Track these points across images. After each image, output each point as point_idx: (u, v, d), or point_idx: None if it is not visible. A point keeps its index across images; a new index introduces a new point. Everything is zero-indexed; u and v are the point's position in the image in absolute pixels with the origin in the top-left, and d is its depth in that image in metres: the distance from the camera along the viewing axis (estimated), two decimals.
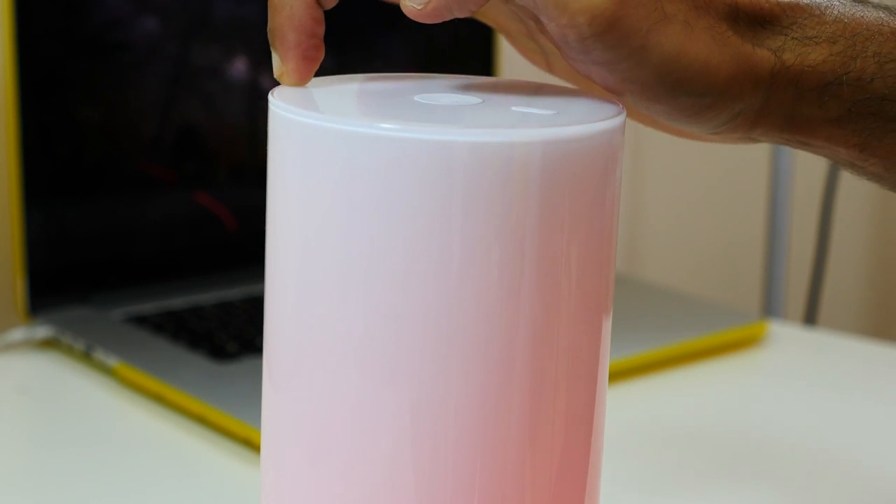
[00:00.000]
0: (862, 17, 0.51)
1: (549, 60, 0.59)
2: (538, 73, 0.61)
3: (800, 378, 0.94)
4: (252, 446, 0.77)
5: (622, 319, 0.69)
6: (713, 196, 1.54)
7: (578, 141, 0.46)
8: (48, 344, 0.93)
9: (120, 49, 0.96)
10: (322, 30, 0.50)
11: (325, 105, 0.49)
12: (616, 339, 0.51)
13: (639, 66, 0.48)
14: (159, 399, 0.84)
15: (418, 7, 0.49)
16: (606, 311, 0.49)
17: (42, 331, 0.92)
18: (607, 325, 0.49)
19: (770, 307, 1.54)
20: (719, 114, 0.49)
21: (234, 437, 0.79)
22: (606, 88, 0.49)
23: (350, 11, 0.62)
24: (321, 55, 0.51)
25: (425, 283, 0.45)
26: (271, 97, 0.48)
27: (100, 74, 0.96)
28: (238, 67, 1.01)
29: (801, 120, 0.51)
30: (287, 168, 0.47)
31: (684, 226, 1.52)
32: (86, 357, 0.89)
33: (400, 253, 0.45)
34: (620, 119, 0.48)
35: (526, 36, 0.59)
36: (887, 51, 0.50)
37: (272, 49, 0.50)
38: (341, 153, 0.45)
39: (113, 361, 0.87)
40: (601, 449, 0.50)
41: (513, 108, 0.50)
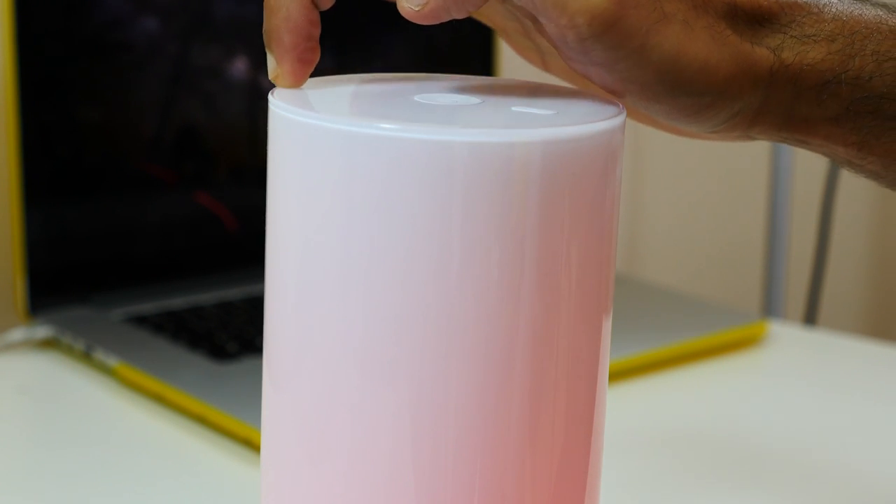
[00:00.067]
0: (860, 15, 0.51)
1: (546, 59, 0.59)
2: (538, 74, 0.60)
3: (800, 378, 0.94)
4: (252, 446, 0.77)
5: (622, 319, 0.69)
6: (713, 196, 1.54)
7: (578, 141, 0.46)
8: (48, 344, 0.93)
9: (120, 49, 0.96)
10: (318, 32, 0.50)
11: (326, 105, 0.49)
12: (616, 339, 0.51)
13: (638, 67, 0.48)
14: (159, 399, 0.84)
15: (416, 8, 0.48)
16: (606, 311, 0.49)
17: (42, 331, 0.92)
18: (607, 325, 0.49)
19: (770, 307, 1.54)
20: (718, 113, 0.49)
21: (234, 437, 0.79)
22: (605, 88, 0.49)
23: (350, 11, 0.62)
24: (317, 57, 0.50)
25: (425, 283, 0.45)
26: (271, 97, 0.48)
27: (100, 74, 0.96)
28: (238, 67, 1.01)
29: (800, 118, 0.50)
30: (287, 168, 0.47)
31: (684, 226, 1.52)
32: (86, 357, 0.89)
33: (400, 253, 0.45)
34: (620, 119, 0.48)
35: (522, 34, 0.59)
36: (886, 49, 0.50)
37: (267, 51, 0.50)
38: (341, 153, 0.45)
39: (113, 361, 0.87)
40: (601, 449, 0.50)
41: (512, 108, 0.50)
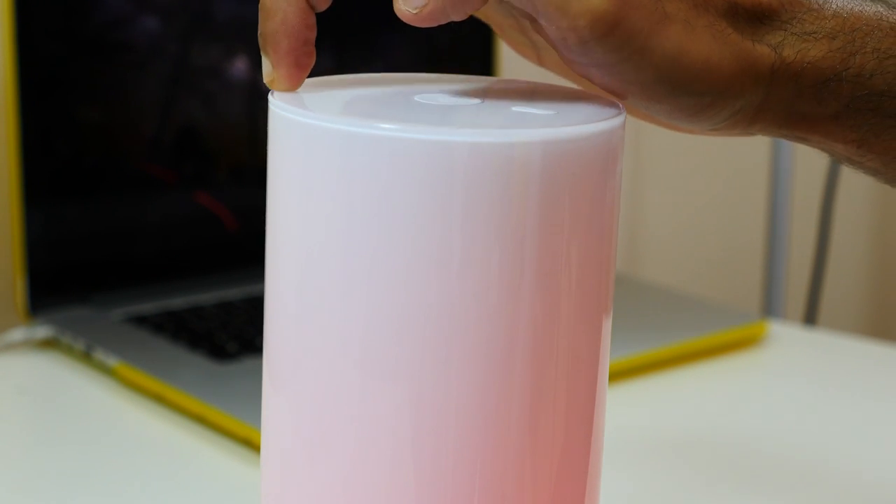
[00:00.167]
0: (861, 12, 0.50)
1: (540, 53, 0.59)
2: (538, 74, 0.60)
3: (800, 378, 0.94)
4: (252, 446, 0.77)
5: (622, 319, 0.69)
6: (713, 196, 1.54)
7: (578, 141, 0.46)
8: (48, 344, 0.93)
9: (120, 49, 0.96)
10: (314, 35, 0.50)
11: (326, 105, 0.49)
12: (616, 339, 0.51)
13: (639, 68, 0.47)
14: (159, 399, 0.84)
15: (414, 11, 0.48)
16: (606, 311, 0.49)
17: (42, 331, 0.92)
18: (607, 325, 0.49)
19: (770, 307, 1.54)
20: (719, 112, 0.49)
21: (234, 437, 0.79)
22: (605, 89, 0.49)
23: (350, 11, 0.62)
24: (313, 61, 0.50)
25: (425, 283, 0.45)
26: (271, 97, 0.48)
27: (100, 74, 0.96)
28: (238, 67, 1.01)
29: (800, 116, 0.50)
30: (287, 168, 0.47)
31: (684, 226, 1.51)
32: (86, 357, 0.89)
33: (400, 253, 0.45)
34: (620, 119, 0.48)
35: (517, 30, 0.58)
36: (886, 46, 0.50)
37: (263, 54, 0.50)
38: (341, 153, 0.45)
39: (113, 361, 0.87)
40: (601, 449, 0.50)
41: (512, 109, 0.50)
